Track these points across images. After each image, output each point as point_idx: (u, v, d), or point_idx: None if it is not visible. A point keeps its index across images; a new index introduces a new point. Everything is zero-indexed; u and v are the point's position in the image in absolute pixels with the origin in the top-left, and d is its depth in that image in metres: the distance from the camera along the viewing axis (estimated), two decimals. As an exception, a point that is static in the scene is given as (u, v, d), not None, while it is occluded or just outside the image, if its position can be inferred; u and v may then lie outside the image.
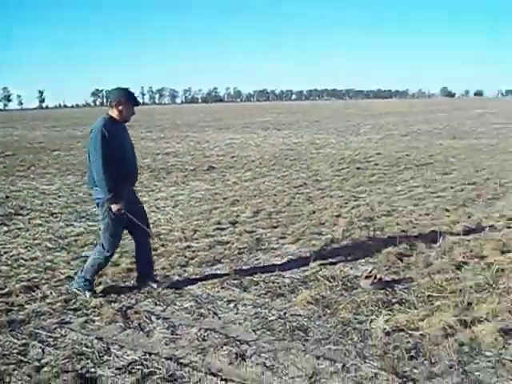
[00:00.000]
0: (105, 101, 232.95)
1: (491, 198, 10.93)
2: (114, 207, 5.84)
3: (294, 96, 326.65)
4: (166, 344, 4.97)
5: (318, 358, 4.57)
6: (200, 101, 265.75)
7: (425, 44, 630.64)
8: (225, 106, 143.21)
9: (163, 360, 4.62)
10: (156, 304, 5.93)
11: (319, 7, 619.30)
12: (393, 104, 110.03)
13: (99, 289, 6.34)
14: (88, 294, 6.15)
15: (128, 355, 4.74)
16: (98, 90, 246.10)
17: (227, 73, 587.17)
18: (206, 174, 15.69)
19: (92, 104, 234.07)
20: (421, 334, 4.90)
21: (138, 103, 6.15)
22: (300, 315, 5.48)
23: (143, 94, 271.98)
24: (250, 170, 16.41)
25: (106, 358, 4.72)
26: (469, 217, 9.30)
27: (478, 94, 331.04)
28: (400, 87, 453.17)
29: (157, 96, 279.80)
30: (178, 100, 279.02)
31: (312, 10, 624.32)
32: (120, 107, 5.91)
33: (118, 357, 4.72)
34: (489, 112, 57.32)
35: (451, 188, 12.16)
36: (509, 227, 8.44)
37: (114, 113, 5.96)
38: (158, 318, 5.52)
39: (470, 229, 8.37)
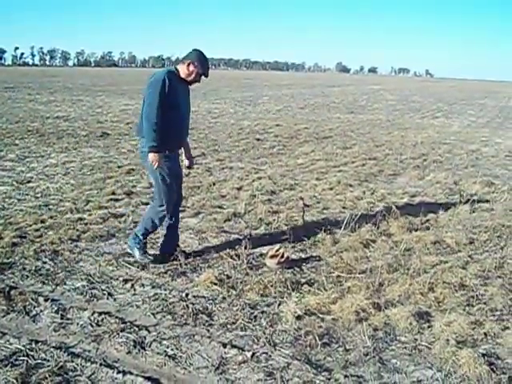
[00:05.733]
0: None
1: (392, 174, 10.93)
2: (151, 156, 5.46)
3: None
4: (55, 330, 4.44)
5: (224, 345, 4.20)
6: (93, 64, 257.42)
7: (321, 20, 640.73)
8: (119, 70, 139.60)
9: (52, 349, 4.09)
10: (44, 283, 5.35)
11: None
12: (290, 76, 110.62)
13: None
14: (137, 253, 5.92)
15: (11, 344, 4.18)
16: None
17: (122, 37, 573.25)
18: (100, 141, 14.86)
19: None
20: (333, 319, 4.65)
21: (206, 74, 5.76)
22: (203, 297, 5.10)
23: (33, 55, 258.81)
24: (146, 137, 15.67)
25: (-16, 347, 4.17)
26: (372, 193, 9.19)
27: (372, 70, 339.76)
28: (297, 60, 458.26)
29: (47, 57, 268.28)
30: (70, 62, 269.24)
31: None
32: (190, 67, 5.61)
33: (-1, 346, 4.18)
34: (383, 89, 58.74)
35: (352, 162, 12.15)
36: (412, 204, 8.37)
37: (182, 69, 5.66)
38: (45, 300, 4.93)
39: (375, 205, 8.24)
